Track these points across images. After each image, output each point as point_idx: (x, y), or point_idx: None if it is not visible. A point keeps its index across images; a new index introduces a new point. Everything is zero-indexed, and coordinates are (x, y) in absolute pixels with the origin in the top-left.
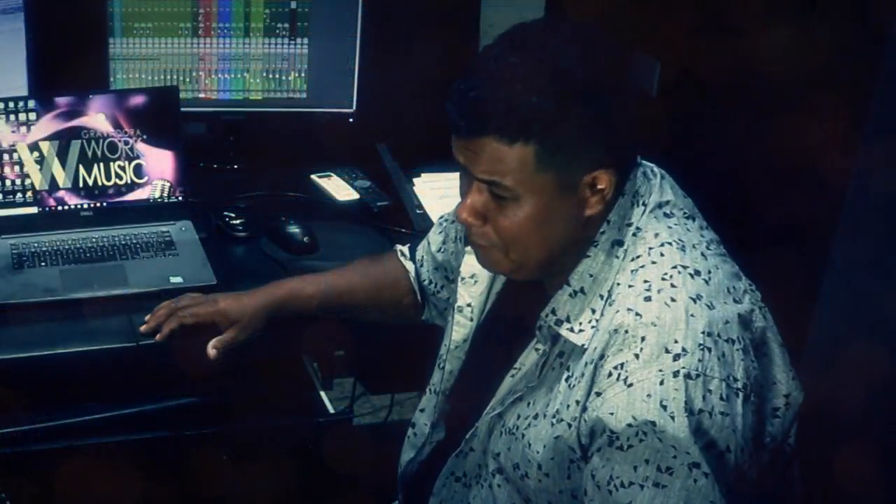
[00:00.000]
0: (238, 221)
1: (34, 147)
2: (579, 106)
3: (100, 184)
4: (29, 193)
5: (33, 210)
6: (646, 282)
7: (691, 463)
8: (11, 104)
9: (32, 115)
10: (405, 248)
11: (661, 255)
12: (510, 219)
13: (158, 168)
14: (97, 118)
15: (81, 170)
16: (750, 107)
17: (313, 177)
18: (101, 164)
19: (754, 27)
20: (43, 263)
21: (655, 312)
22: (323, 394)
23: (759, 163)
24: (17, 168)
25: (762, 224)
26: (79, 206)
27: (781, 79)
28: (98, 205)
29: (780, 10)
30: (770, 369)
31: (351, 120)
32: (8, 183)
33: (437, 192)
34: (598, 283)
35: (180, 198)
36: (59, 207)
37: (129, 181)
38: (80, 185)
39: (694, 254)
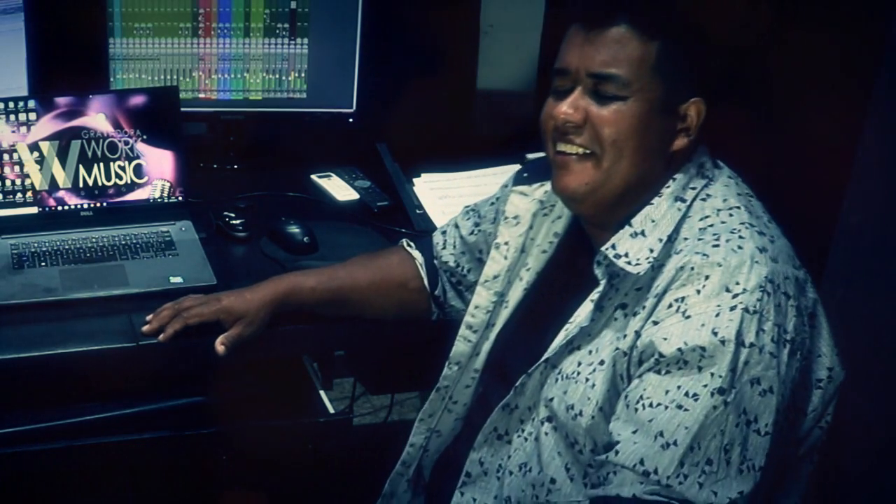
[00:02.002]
0: (238, 221)
1: (34, 147)
2: (700, 29)
3: (100, 184)
4: (29, 193)
5: (33, 210)
6: (715, 234)
7: (717, 388)
8: (11, 104)
9: (32, 115)
10: (411, 242)
11: (731, 215)
12: (614, 116)
13: (158, 168)
14: (97, 118)
15: (81, 170)
16: (749, 107)
17: (313, 177)
18: (101, 164)
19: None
20: (43, 263)
21: (722, 254)
22: (323, 394)
23: (758, 163)
24: (17, 168)
25: None
26: (79, 206)
27: (781, 78)
28: (98, 205)
29: (779, 9)
30: (817, 341)
31: (351, 120)
32: (8, 183)
33: (437, 193)
34: (658, 228)
35: (180, 198)
36: (59, 207)
37: (129, 181)
38: (80, 185)
39: (761, 220)
